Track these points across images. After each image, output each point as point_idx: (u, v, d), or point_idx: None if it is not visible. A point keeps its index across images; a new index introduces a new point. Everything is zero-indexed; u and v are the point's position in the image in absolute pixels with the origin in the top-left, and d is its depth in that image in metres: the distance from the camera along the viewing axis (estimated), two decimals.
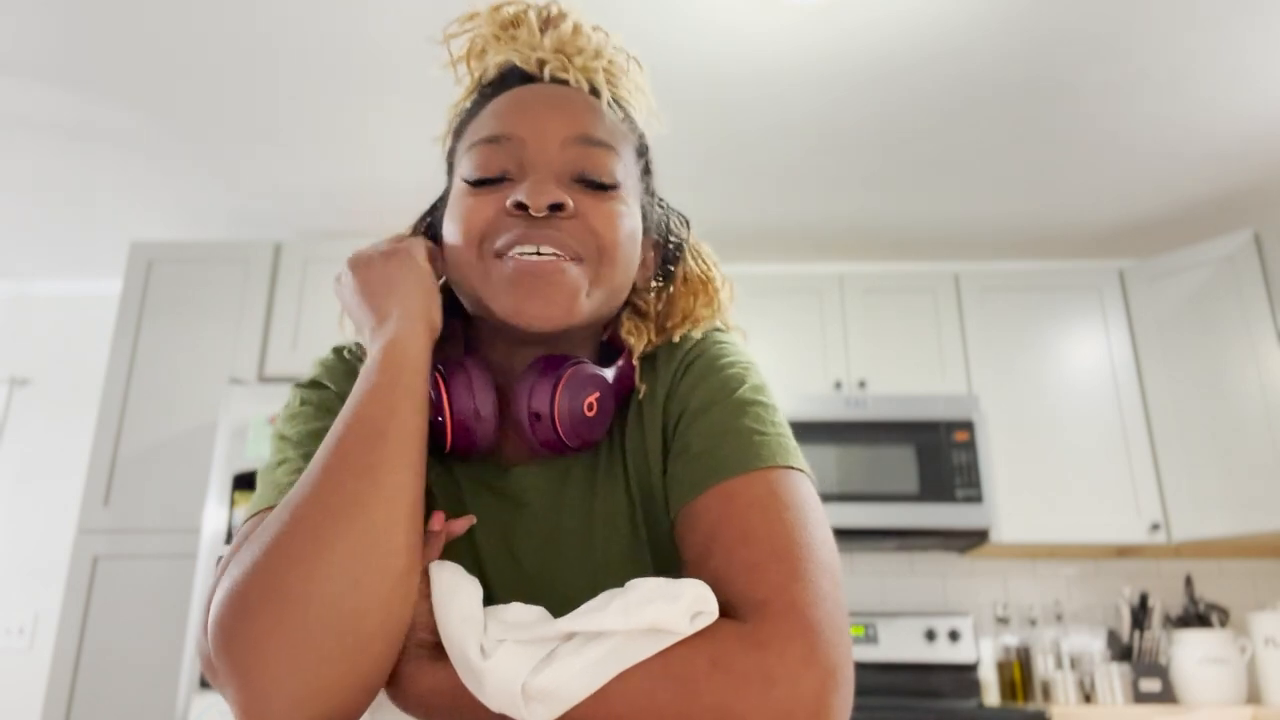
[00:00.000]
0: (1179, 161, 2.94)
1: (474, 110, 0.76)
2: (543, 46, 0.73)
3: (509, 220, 0.67)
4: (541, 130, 0.69)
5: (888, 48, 2.43)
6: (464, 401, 0.68)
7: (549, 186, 0.66)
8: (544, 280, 0.66)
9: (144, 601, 2.72)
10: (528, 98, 0.71)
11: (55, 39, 2.40)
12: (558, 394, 0.67)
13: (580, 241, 0.67)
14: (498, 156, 0.69)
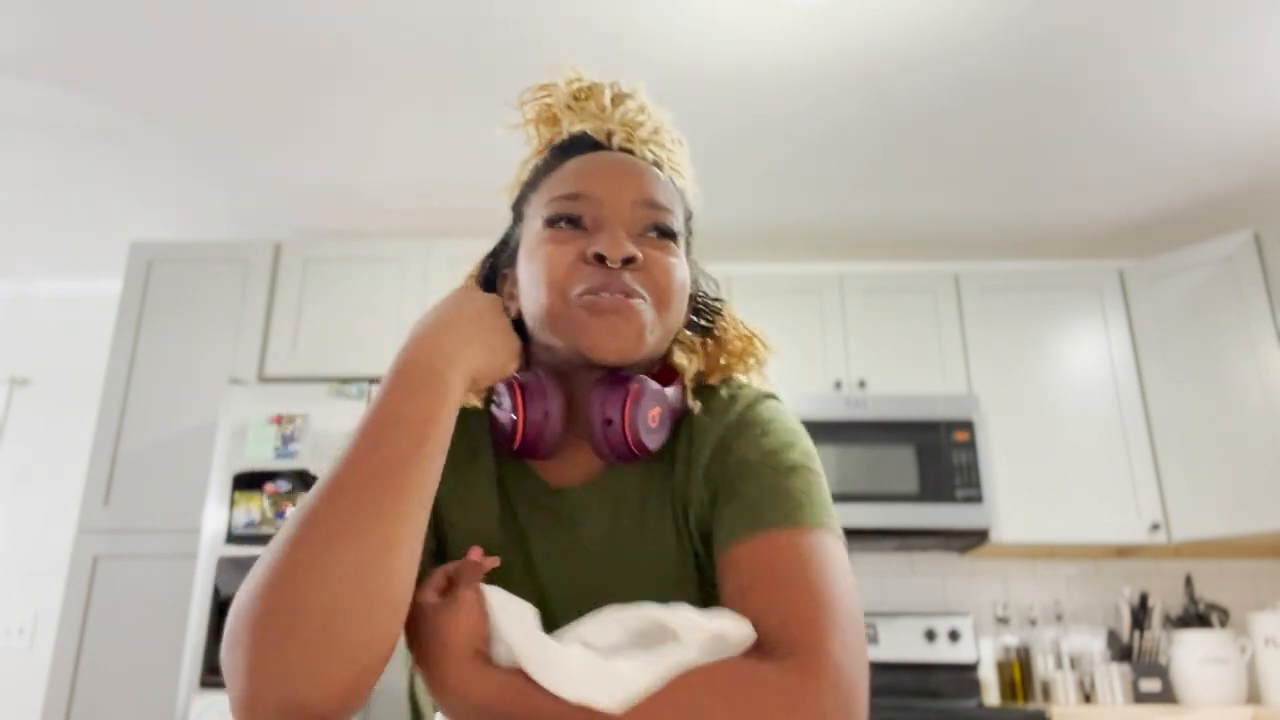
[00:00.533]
0: (1179, 161, 2.94)
1: (547, 168, 0.85)
2: (612, 119, 0.85)
3: (586, 269, 0.77)
4: (616, 192, 0.80)
5: (888, 48, 2.43)
6: (536, 403, 0.78)
7: (624, 241, 0.77)
8: (619, 317, 0.76)
9: (144, 601, 2.72)
10: (603, 162, 0.83)
11: (55, 39, 2.40)
12: (628, 402, 0.77)
13: (645, 288, 0.78)
14: (576, 208, 0.79)
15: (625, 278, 0.77)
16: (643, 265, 0.78)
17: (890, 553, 3.25)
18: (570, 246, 0.78)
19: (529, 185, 0.87)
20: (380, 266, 3.15)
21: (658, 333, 0.79)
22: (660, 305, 0.79)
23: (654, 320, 0.78)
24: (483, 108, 2.67)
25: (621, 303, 0.76)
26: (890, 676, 2.99)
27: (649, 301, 0.78)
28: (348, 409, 2.70)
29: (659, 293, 0.79)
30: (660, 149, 0.86)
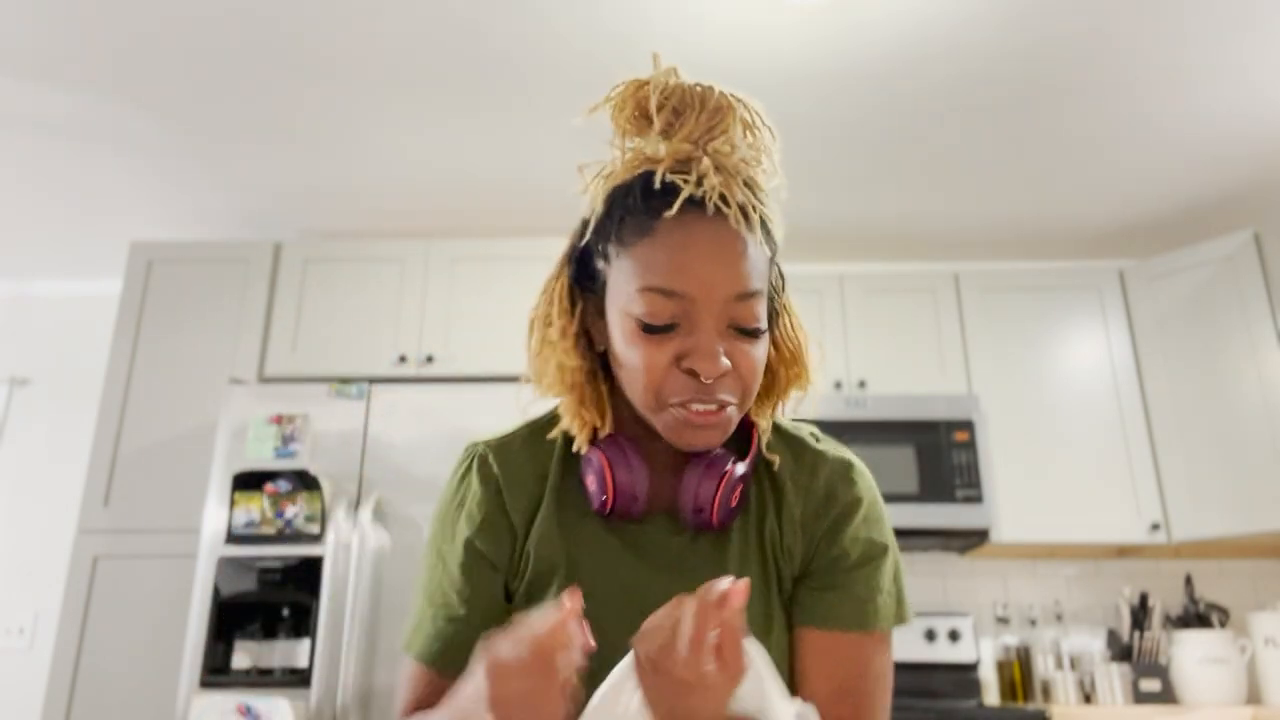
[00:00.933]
0: (1179, 161, 2.94)
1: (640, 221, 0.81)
2: (706, 169, 0.79)
3: (681, 378, 0.80)
4: (710, 289, 0.79)
5: (888, 47, 2.43)
6: (625, 481, 0.84)
7: (717, 357, 0.78)
8: (708, 428, 0.81)
9: (144, 601, 2.72)
10: (696, 249, 0.79)
11: (55, 39, 2.40)
12: (719, 490, 0.84)
13: (734, 392, 0.81)
14: (669, 307, 0.79)
15: (716, 389, 0.80)
16: (732, 370, 0.80)
17: None
18: (665, 349, 0.80)
19: (617, 222, 0.83)
20: (380, 266, 3.15)
21: (742, 415, 0.85)
22: (745, 399, 0.83)
23: (740, 413, 0.84)
24: (484, 109, 2.67)
25: (713, 418, 0.81)
26: None
27: (736, 402, 0.82)
28: (348, 409, 2.70)
29: (745, 391, 0.83)
30: (752, 189, 0.83)
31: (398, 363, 3.01)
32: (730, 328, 0.80)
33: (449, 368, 2.99)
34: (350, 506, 2.59)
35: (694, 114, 0.83)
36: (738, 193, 0.80)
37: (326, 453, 2.65)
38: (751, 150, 0.85)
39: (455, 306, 3.08)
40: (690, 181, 0.79)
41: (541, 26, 2.34)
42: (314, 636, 2.45)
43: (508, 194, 3.14)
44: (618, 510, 0.85)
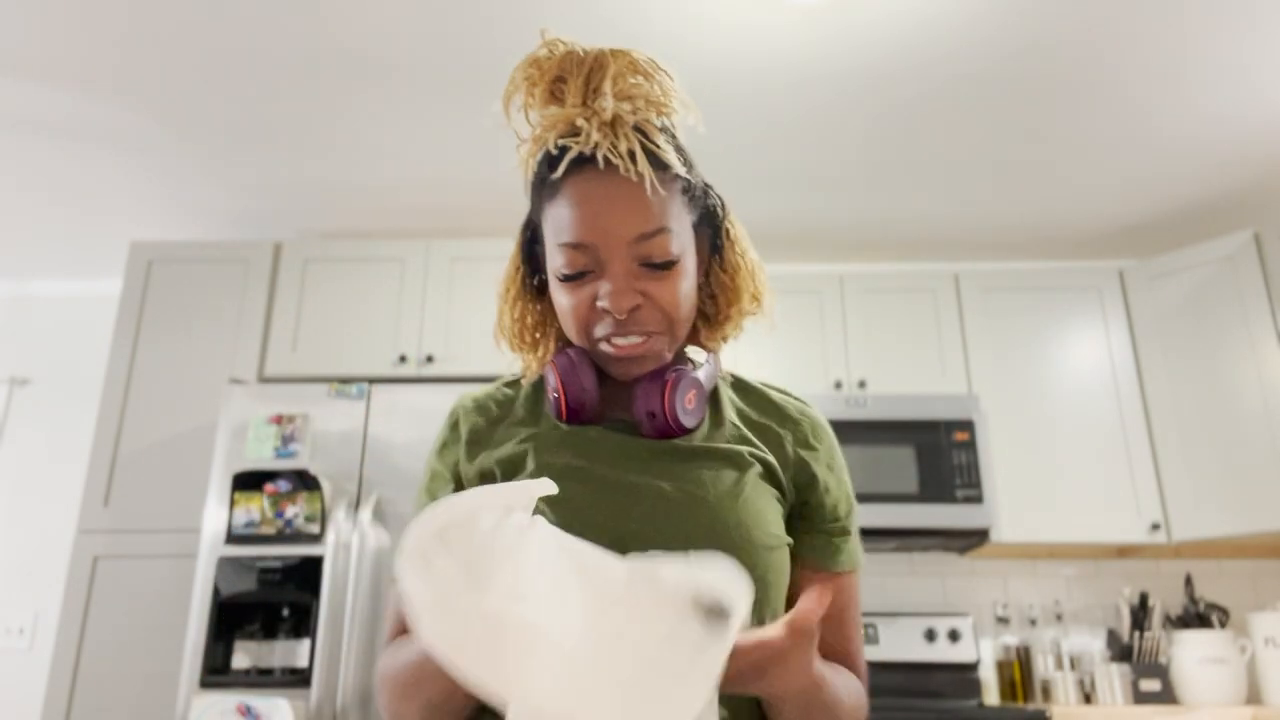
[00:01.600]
0: (1179, 161, 2.94)
1: (548, 185, 0.90)
2: (590, 129, 0.86)
3: (601, 315, 0.88)
4: (610, 235, 0.86)
5: (888, 47, 2.43)
6: (573, 379, 0.90)
7: (624, 294, 0.86)
8: (638, 359, 0.89)
9: (144, 601, 2.72)
10: (592, 200, 0.87)
11: (55, 39, 2.40)
12: (666, 394, 0.89)
13: (656, 321, 0.88)
14: (579, 258, 0.87)
15: (634, 322, 0.87)
16: (646, 303, 0.87)
17: (890, 553, 3.25)
18: (583, 294, 0.88)
19: (535, 193, 0.95)
20: (380, 266, 3.15)
21: (675, 343, 0.92)
22: (671, 328, 0.90)
23: (669, 340, 0.90)
24: (484, 108, 2.67)
25: (638, 347, 0.88)
26: (890, 676, 2.99)
27: (661, 331, 0.89)
28: (347, 409, 2.70)
29: (669, 321, 0.89)
30: (644, 137, 0.88)
31: (398, 363, 3.01)
32: (641, 265, 0.87)
33: (449, 368, 2.99)
34: (350, 506, 2.59)
35: (573, 78, 0.89)
36: (623, 142, 0.86)
37: (326, 453, 2.65)
38: (643, 96, 0.90)
39: (455, 306, 3.08)
40: (579, 142, 0.87)
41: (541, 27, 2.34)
42: (314, 636, 2.45)
43: (507, 194, 3.13)
44: (572, 407, 0.90)
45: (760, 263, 1.00)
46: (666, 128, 0.92)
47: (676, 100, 0.93)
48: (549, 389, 0.92)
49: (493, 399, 0.99)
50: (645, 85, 0.90)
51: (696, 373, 0.92)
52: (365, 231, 3.43)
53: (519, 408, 0.97)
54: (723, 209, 0.99)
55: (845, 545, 0.95)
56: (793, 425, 0.96)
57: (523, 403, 0.98)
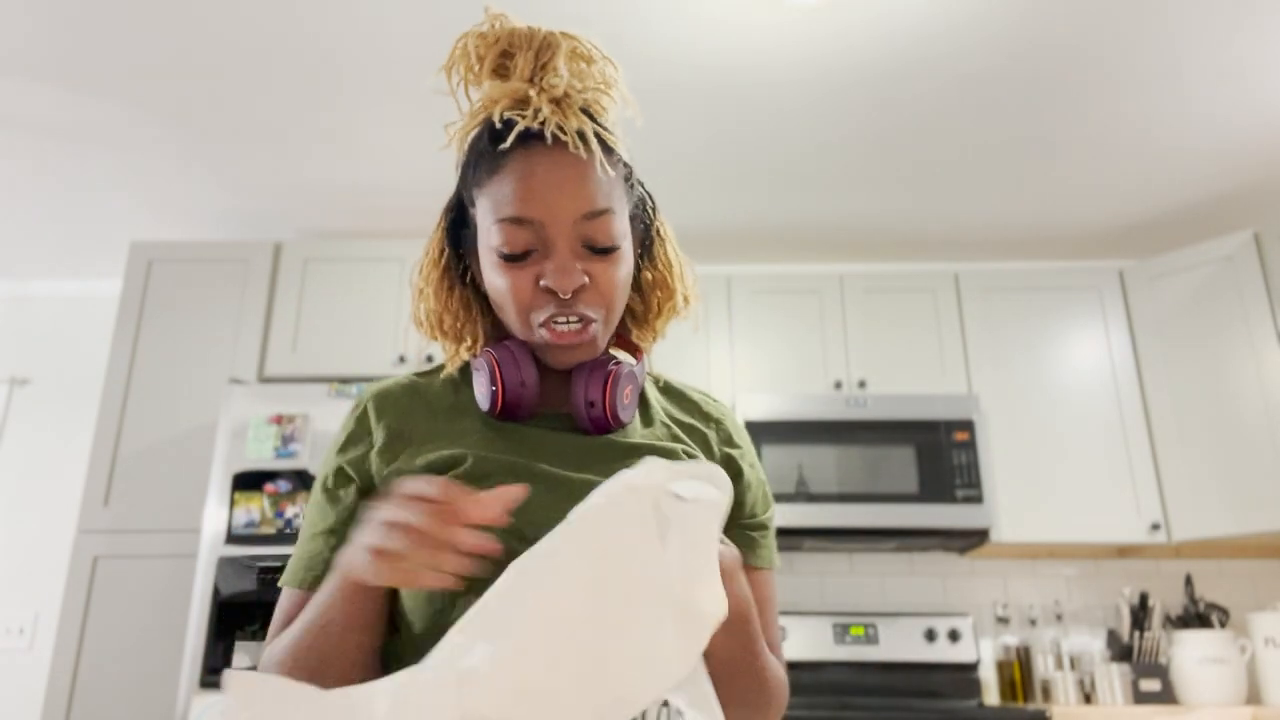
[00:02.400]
0: (1179, 161, 2.94)
1: (489, 159, 0.88)
2: (539, 102, 0.85)
3: (543, 296, 0.85)
4: (556, 212, 0.84)
5: (887, 47, 2.43)
6: (512, 372, 0.87)
7: (571, 272, 0.83)
8: (575, 345, 0.86)
9: (144, 601, 2.72)
10: (539, 175, 0.84)
11: (54, 39, 2.40)
12: (609, 386, 0.87)
13: (595, 307, 0.86)
14: (522, 235, 0.84)
15: (577, 304, 0.85)
16: (590, 285, 0.85)
17: (890, 553, 3.25)
18: (526, 274, 0.85)
19: (472, 169, 0.91)
20: (380, 266, 3.15)
21: (609, 333, 0.90)
22: (609, 314, 0.88)
23: (604, 329, 0.88)
24: None
25: (578, 334, 0.85)
26: (890, 676, 2.99)
27: (599, 318, 0.87)
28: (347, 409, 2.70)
29: (608, 306, 0.87)
30: (593, 117, 0.88)
31: (398, 363, 3.01)
32: (585, 247, 0.85)
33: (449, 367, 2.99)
34: None
35: (523, 53, 0.88)
36: (573, 120, 0.85)
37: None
38: (589, 80, 0.89)
39: None
40: (526, 116, 0.85)
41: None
42: None
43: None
44: (508, 402, 0.87)
45: (689, 262, 0.99)
46: (611, 113, 0.92)
47: (617, 91, 0.92)
48: (483, 382, 0.88)
49: (407, 391, 0.93)
50: (590, 71, 0.90)
51: (633, 369, 0.91)
52: (365, 231, 3.43)
53: (439, 399, 0.92)
54: (652, 204, 0.97)
55: (764, 541, 0.95)
56: (715, 424, 0.97)
57: (442, 394, 0.92)
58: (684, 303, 0.97)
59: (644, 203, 0.96)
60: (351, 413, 0.93)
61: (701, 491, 0.67)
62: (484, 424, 0.89)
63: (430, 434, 0.88)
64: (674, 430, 0.94)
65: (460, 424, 0.89)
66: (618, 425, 0.89)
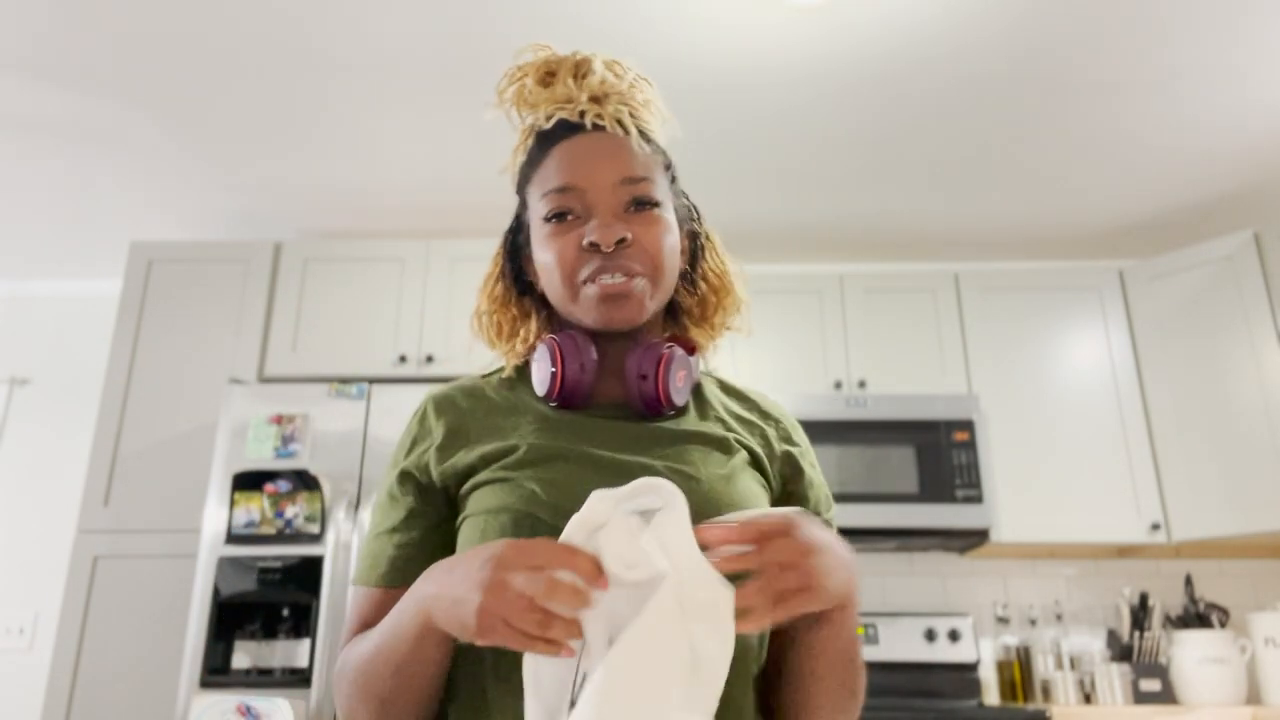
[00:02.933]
0: (1179, 161, 2.94)
1: (535, 159, 0.95)
2: (580, 98, 0.92)
3: (587, 255, 0.88)
4: (596, 177, 0.89)
5: (887, 47, 2.43)
6: (572, 357, 0.89)
7: (613, 225, 0.87)
8: (622, 297, 0.88)
9: (144, 601, 2.72)
10: (579, 150, 0.91)
11: (55, 39, 2.40)
12: (662, 363, 0.89)
13: (640, 263, 0.89)
14: (566, 202, 0.90)
15: (621, 259, 0.87)
16: (634, 242, 0.88)
17: (890, 553, 3.25)
18: (569, 238, 0.89)
19: (524, 174, 0.97)
20: (380, 266, 3.15)
21: (658, 297, 0.92)
22: (655, 274, 0.90)
23: (651, 288, 0.90)
24: (483, 108, 2.67)
25: (623, 286, 0.88)
26: (890, 676, 2.99)
27: (645, 274, 0.89)
28: (348, 409, 2.70)
29: (653, 265, 0.89)
30: (630, 112, 0.93)
31: (398, 363, 3.01)
32: (627, 209, 0.89)
33: (449, 368, 2.99)
34: (350, 506, 2.59)
35: (564, 69, 0.94)
36: (611, 108, 0.92)
37: (326, 453, 2.65)
38: (629, 87, 0.95)
39: (455, 306, 3.08)
40: (568, 109, 0.92)
41: (541, 26, 2.34)
42: (314, 636, 2.45)
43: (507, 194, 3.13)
44: (567, 384, 0.89)
45: (740, 269, 1.03)
46: (649, 121, 0.96)
47: (655, 105, 0.97)
48: (542, 367, 0.91)
49: (464, 392, 0.96)
50: (627, 82, 0.95)
51: (688, 358, 0.93)
52: (365, 231, 3.44)
53: (495, 398, 0.95)
54: (697, 213, 1.02)
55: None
56: (775, 422, 0.98)
57: (498, 393, 0.95)
58: (737, 305, 1.01)
59: (690, 210, 1.01)
60: (412, 417, 0.96)
61: (655, 500, 0.68)
62: (539, 416, 0.91)
63: (487, 429, 0.90)
64: (730, 424, 0.94)
65: (516, 418, 0.92)
66: (669, 405, 0.90)
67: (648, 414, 0.91)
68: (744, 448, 0.92)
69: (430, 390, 0.98)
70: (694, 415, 0.94)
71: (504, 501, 0.83)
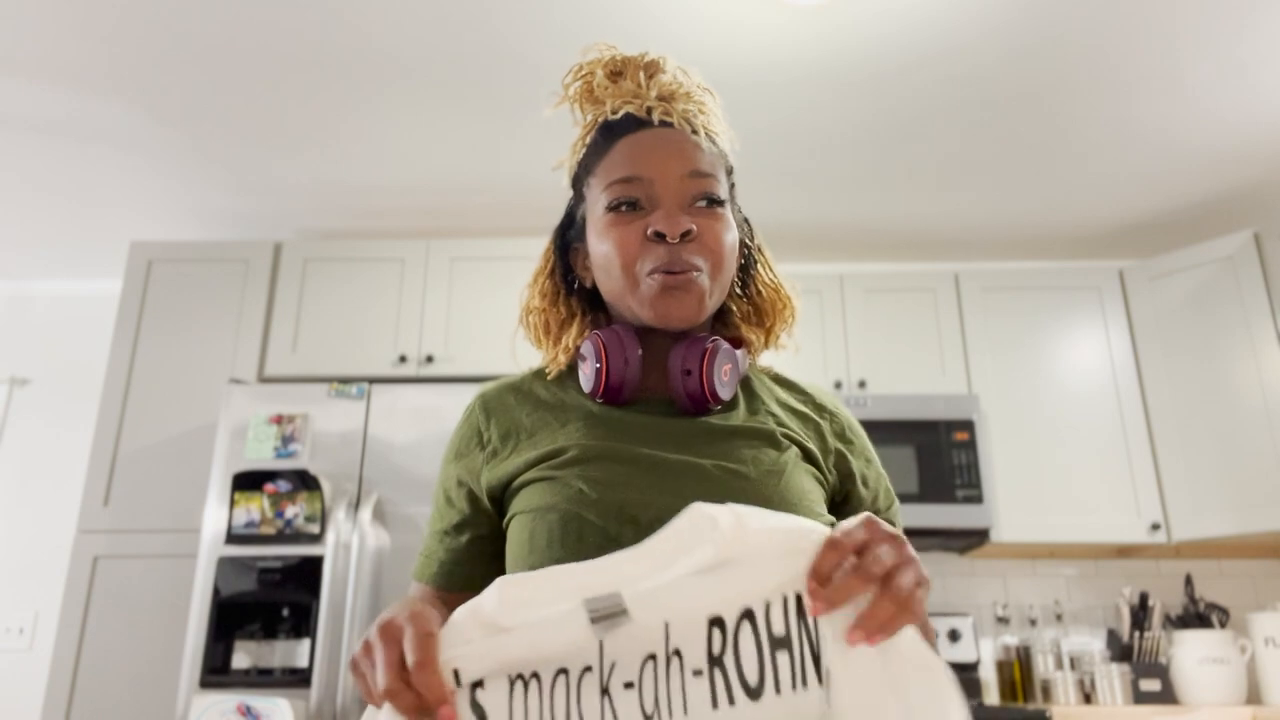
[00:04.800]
0: (1179, 161, 2.94)
1: (600, 150, 0.93)
2: (648, 95, 0.91)
3: (650, 246, 0.86)
4: (664, 169, 0.88)
5: (887, 47, 2.43)
6: (616, 351, 0.88)
7: (680, 217, 0.86)
8: (683, 290, 0.86)
9: (144, 601, 2.72)
10: (647, 142, 0.90)
11: (54, 39, 2.40)
12: (706, 357, 0.88)
13: (703, 257, 0.87)
14: (631, 191, 0.88)
15: (684, 252, 0.86)
16: (698, 236, 0.87)
17: None
18: (633, 227, 0.88)
19: (585, 166, 0.95)
20: (380, 266, 3.15)
21: (716, 295, 0.90)
22: (715, 270, 0.89)
23: (711, 285, 0.89)
24: (483, 108, 2.67)
25: (685, 279, 0.86)
26: None
27: (706, 270, 0.88)
28: (347, 409, 2.70)
29: (715, 260, 0.88)
30: (697, 114, 0.93)
31: (398, 363, 3.01)
32: (693, 203, 0.88)
33: (449, 368, 2.99)
34: (350, 506, 2.59)
35: (632, 68, 0.93)
36: (680, 106, 0.91)
37: (326, 453, 2.65)
38: (694, 89, 0.94)
39: (455, 306, 3.08)
40: (636, 103, 0.91)
41: (542, 26, 2.34)
42: (314, 636, 2.45)
43: (507, 194, 3.14)
44: (612, 380, 0.88)
45: (795, 286, 1.02)
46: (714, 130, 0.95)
47: (718, 118, 0.96)
48: (588, 363, 0.90)
49: (510, 389, 0.97)
50: (695, 89, 0.94)
51: (734, 352, 0.92)
52: (365, 231, 3.44)
53: (542, 395, 0.95)
54: (749, 226, 1.01)
55: None
56: (830, 416, 0.96)
57: (544, 390, 0.95)
58: (791, 316, 1.00)
59: (744, 223, 1.00)
60: (463, 418, 0.97)
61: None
62: (586, 414, 0.90)
63: (536, 426, 0.91)
64: (782, 417, 0.93)
65: (563, 415, 0.91)
66: (715, 401, 0.89)
67: (694, 410, 0.89)
68: (795, 443, 0.90)
69: (481, 389, 0.98)
70: (743, 410, 0.93)
71: (551, 501, 0.83)
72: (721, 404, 0.90)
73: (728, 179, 0.95)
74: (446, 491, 0.94)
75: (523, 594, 0.65)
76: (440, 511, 0.94)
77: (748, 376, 0.98)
